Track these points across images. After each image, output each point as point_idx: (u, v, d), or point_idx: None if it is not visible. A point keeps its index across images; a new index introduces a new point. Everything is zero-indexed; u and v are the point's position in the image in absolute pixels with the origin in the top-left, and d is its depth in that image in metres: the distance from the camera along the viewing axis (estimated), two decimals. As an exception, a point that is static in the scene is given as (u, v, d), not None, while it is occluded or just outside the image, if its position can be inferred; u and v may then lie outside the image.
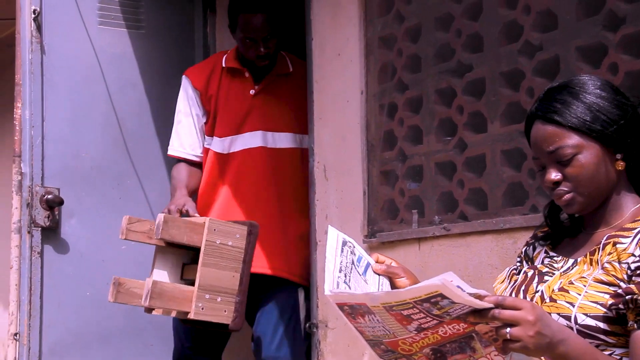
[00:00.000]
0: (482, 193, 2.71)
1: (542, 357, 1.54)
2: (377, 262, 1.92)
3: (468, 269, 2.61)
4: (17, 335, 3.48)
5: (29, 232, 3.49)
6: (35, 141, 3.54)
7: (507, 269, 1.97)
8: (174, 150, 3.27)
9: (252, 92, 3.21)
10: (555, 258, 1.82)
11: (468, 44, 2.80)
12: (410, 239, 2.93)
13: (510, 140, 2.62)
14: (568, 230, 1.86)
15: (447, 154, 2.85)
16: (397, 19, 3.10)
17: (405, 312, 1.53)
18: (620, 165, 1.73)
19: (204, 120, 3.22)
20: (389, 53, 3.14)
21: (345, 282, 1.75)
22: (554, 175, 1.75)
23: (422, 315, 1.52)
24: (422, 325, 1.55)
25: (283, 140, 3.20)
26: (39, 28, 3.59)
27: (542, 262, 1.84)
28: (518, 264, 1.94)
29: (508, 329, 1.47)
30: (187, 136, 3.23)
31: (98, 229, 3.63)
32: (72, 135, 3.65)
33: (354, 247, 1.88)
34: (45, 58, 3.61)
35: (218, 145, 3.20)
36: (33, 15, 3.57)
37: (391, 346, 1.63)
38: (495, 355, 1.56)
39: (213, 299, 2.72)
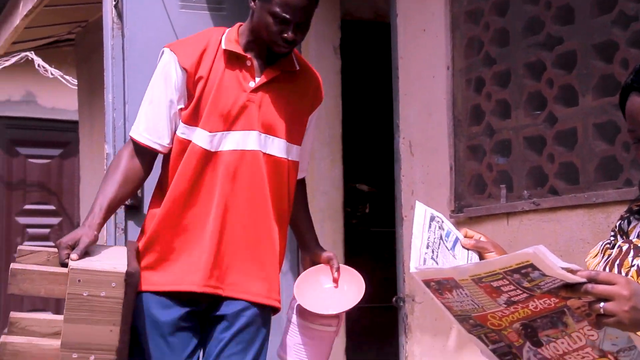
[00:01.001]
0: (573, 167, 2.67)
1: (638, 332, 1.52)
2: (465, 236, 1.92)
3: (558, 244, 2.58)
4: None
5: (113, 209, 3.60)
6: (117, 123, 3.63)
7: (600, 243, 1.94)
8: (137, 134, 2.56)
9: (251, 84, 2.55)
10: None
11: (558, 16, 2.75)
12: (499, 214, 2.91)
13: (603, 113, 2.57)
14: None
15: (536, 128, 2.82)
16: (484, -8, 3.07)
17: (495, 284, 1.52)
18: None
19: (181, 106, 2.56)
20: (476, 27, 3.11)
21: (432, 257, 1.75)
22: None
23: (512, 287, 1.51)
24: (512, 299, 1.54)
25: (276, 147, 2.57)
26: (119, 15, 3.66)
27: (638, 236, 1.81)
28: (612, 238, 1.91)
29: (602, 304, 1.45)
30: (156, 121, 2.56)
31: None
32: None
33: (443, 221, 1.88)
34: (127, 43, 3.66)
35: (204, 139, 2.52)
36: (114, 3, 3.65)
37: (480, 320, 1.63)
38: (588, 330, 1.54)
39: (84, 357, 2.29)
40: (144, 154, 2.56)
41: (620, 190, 2.46)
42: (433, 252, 1.76)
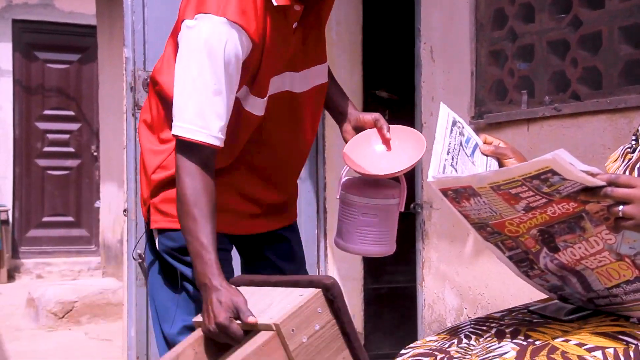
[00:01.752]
0: (596, 72, 2.62)
1: None
2: (485, 142, 1.89)
3: (579, 150, 2.55)
4: (126, 211, 3.62)
5: (132, 115, 3.58)
6: (137, 26, 3.59)
7: (621, 147, 1.92)
8: (211, 137, 2.05)
9: (294, 25, 2.18)
10: None
11: None
12: (519, 119, 2.87)
13: (630, 16, 2.50)
14: None
15: (560, 31, 2.75)
16: None
17: (513, 191, 1.51)
18: None
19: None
20: None
21: (452, 165, 1.73)
22: None
23: (531, 193, 1.50)
24: (531, 204, 1.52)
25: (316, 75, 2.30)
26: None
27: (660, 140, 1.78)
28: (633, 142, 1.88)
29: (621, 207, 1.44)
30: (221, 114, 2.07)
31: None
32: (172, 19, 3.67)
33: (463, 127, 1.85)
34: (147, -56, 3.60)
35: (259, 107, 2.20)
36: None
37: (497, 227, 1.62)
38: (606, 234, 1.53)
39: None
40: (213, 157, 2.10)
41: (644, 95, 2.41)
42: (453, 158, 1.74)
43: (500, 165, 1.86)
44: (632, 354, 1.53)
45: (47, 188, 7.57)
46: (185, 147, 2.06)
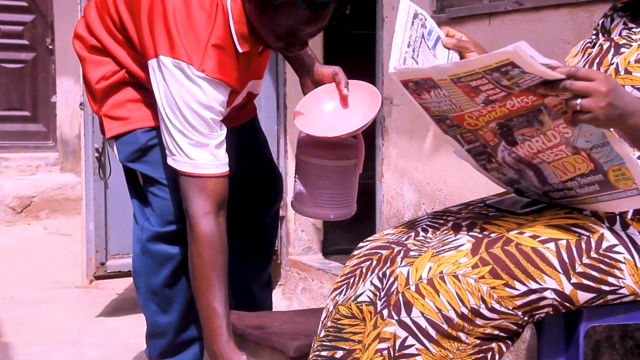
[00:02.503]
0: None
1: (612, 129, 1.52)
2: (447, 35, 1.87)
3: (540, 44, 2.53)
4: (82, 105, 3.56)
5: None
6: None
7: (582, 42, 1.91)
8: (217, 167, 2.06)
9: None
10: (634, 29, 1.75)
11: None
12: (481, 14, 2.84)
13: None
14: None
15: None
16: None
17: (473, 84, 1.50)
18: None
19: None
20: None
21: (412, 57, 1.72)
22: None
23: (491, 86, 1.50)
24: (490, 98, 1.52)
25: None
26: None
27: (620, 34, 1.77)
28: (593, 36, 1.87)
29: (579, 100, 1.44)
30: (219, 151, 2.08)
31: None
32: None
33: (425, 19, 1.83)
34: None
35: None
36: None
37: (457, 121, 1.62)
38: (563, 128, 1.54)
39: None
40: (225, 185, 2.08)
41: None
42: (414, 51, 1.73)
43: (462, 59, 1.85)
44: (583, 245, 1.56)
45: (2, 82, 7.41)
46: (197, 186, 2.03)
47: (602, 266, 1.56)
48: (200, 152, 2.04)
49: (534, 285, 1.53)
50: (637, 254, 1.58)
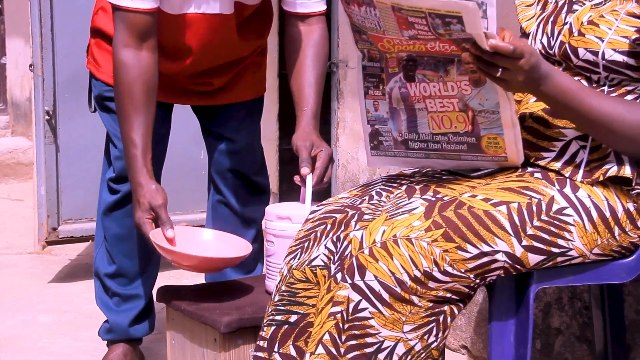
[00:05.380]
0: None
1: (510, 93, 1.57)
2: None
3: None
4: (32, 66, 3.49)
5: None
6: None
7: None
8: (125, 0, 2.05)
9: None
10: None
11: None
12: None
13: None
14: None
15: None
16: None
17: (411, 19, 1.51)
18: None
19: None
20: None
21: None
22: None
23: (426, 28, 1.51)
24: (418, 36, 1.54)
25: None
26: None
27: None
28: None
29: (500, 70, 1.49)
30: None
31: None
32: None
33: None
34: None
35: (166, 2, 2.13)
36: None
37: (373, 40, 1.63)
38: (465, 84, 1.58)
39: None
40: (152, 23, 2.07)
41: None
42: None
43: None
44: (534, 208, 1.58)
45: (-51, 43, 7.24)
46: (119, 18, 2.06)
47: (552, 228, 1.58)
48: None
49: (485, 248, 1.54)
50: (587, 216, 1.60)
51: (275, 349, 1.64)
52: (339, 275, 1.56)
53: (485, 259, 1.55)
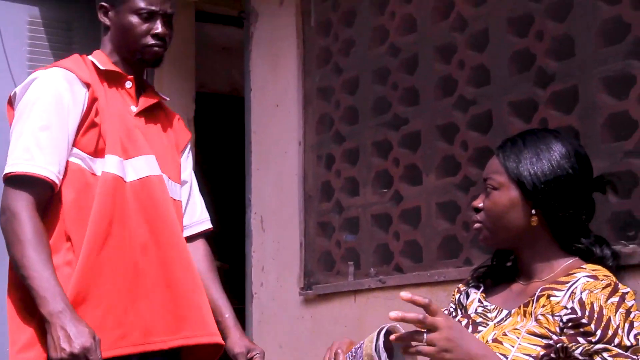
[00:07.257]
0: (417, 245, 2.71)
1: None
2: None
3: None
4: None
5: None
6: None
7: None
8: (36, 166, 2.04)
9: (133, 108, 2.26)
10: (488, 307, 1.82)
11: (404, 97, 2.83)
12: (347, 291, 2.91)
13: (445, 193, 2.63)
14: (505, 275, 1.87)
15: (383, 206, 2.86)
16: (335, 71, 3.12)
17: None
18: (534, 220, 1.75)
19: (76, 131, 2.15)
20: (327, 105, 3.15)
21: None
22: (478, 202, 1.82)
23: None
24: None
25: (173, 188, 2.29)
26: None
27: (476, 311, 1.84)
28: (452, 309, 1.94)
29: (425, 336, 1.60)
30: (56, 150, 2.09)
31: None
32: None
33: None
34: None
35: (116, 166, 2.16)
36: None
37: None
38: None
39: None
40: (44, 194, 2.08)
41: (460, 269, 2.51)
42: None
43: None
44: None
45: None
46: (16, 185, 2.03)
47: None
48: (26, 148, 2.08)
49: None
50: None
51: None
52: None
53: None
